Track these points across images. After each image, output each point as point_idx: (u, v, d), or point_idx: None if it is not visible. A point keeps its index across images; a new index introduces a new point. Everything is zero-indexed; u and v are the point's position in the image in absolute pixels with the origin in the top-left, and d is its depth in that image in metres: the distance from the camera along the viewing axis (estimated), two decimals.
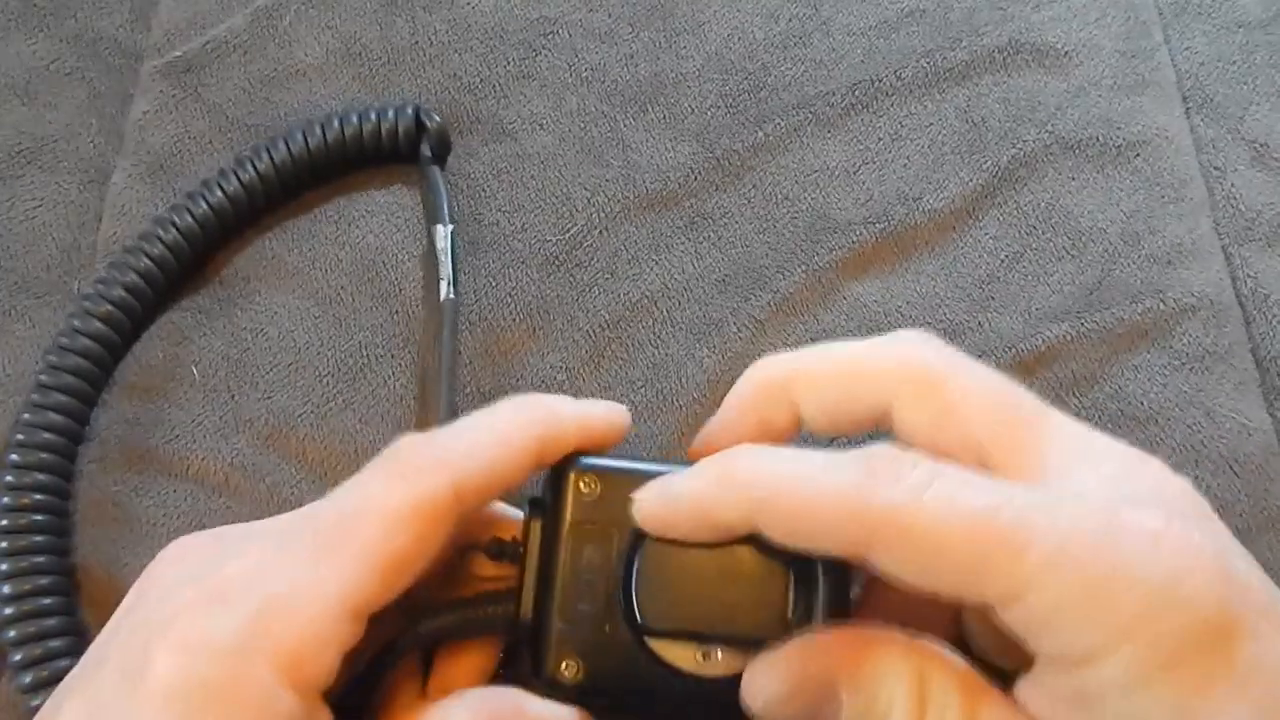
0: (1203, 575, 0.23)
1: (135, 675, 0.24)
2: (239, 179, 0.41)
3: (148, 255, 0.39)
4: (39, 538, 0.36)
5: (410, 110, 0.42)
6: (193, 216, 0.40)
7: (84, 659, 0.27)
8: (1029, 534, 0.23)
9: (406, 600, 0.27)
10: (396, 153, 0.42)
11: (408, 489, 0.27)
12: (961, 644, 0.28)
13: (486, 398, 0.39)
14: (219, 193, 0.40)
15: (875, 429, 0.29)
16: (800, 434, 0.30)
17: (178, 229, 0.40)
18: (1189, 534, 0.23)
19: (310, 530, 0.27)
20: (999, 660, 0.27)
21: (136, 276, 0.39)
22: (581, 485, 0.29)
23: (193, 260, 0.41)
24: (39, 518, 0.36)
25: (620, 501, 0.28)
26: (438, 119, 0.42)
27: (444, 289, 0.40)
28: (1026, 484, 0.26)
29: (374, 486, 0.27)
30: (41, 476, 0.36)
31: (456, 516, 0.27)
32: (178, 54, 0.45)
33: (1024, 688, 0.25)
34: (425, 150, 0.42)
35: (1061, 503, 0.24)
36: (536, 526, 0.29)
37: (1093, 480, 0.25)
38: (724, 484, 0.27)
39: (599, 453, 0.30)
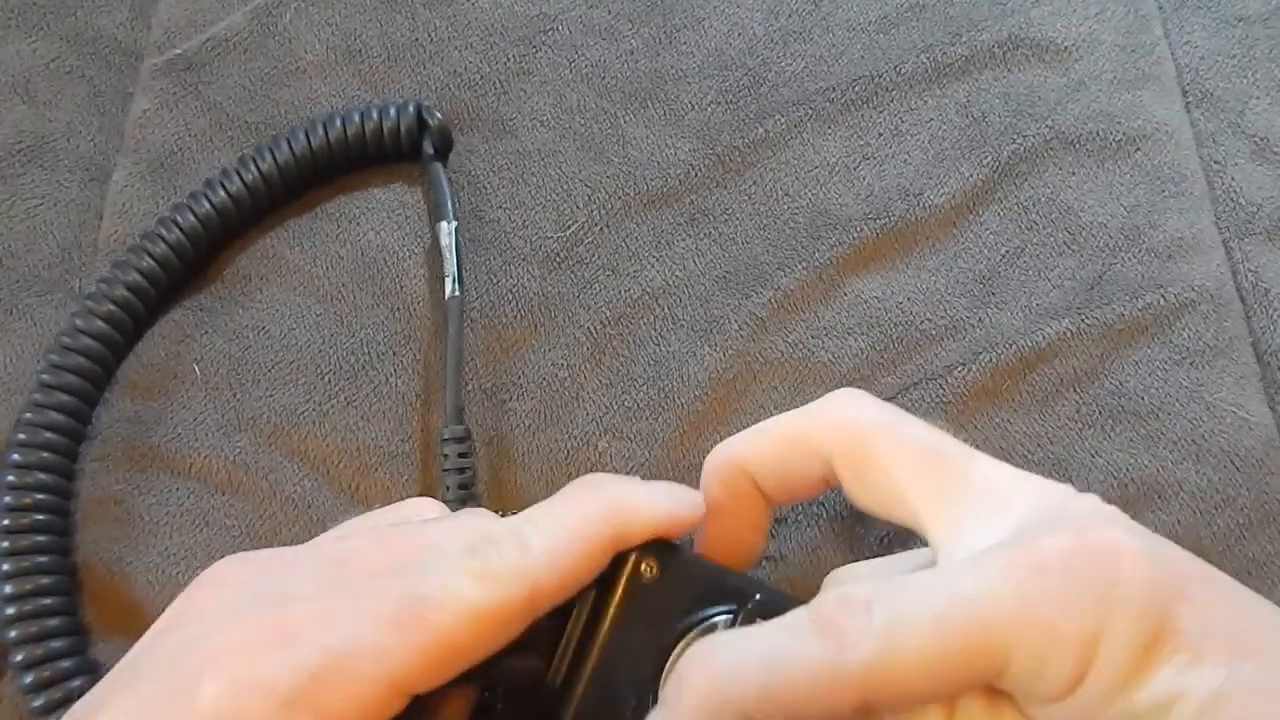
0: (1130, 568, 0.24)
1: (184, 697, 0.24)
2: (241, 178, 0.41)
3: (150, 254, 0.39)
4: (41, 537, 0.36)
5: (412, 108, 0.42)
6: (196, 216, 0.40)
7: (115, 673, 0.26)
8: (986, 614, 0.24)
9: None
10: (399, 151, 0.42)
11: (489, 593, 0.26)
12: None
13: (488, 394, 0.39)
14: (222, 192, 0.40)
15: (829, 489, 0.30)
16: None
17: (180, 228, 0.40)
18: (1103, 537, 0.24)
19: (384, 597, 0.26)
20: None
21: (139, 276, 0.39)
22: (642, 567, 0.28)
23: (196, 260, 0.41)
24: (41, 517, 0.36)
25: (675, 592, 0.28)
26: (439, 116, 0.42)
27: (449, 286, 0.40)
28: (956, 565, 0.26)
29: (457, 578, 0.27)
30: (43, 476, 0.36)
31: (526, 620, 0.27)
32: (178, 52, 0.45)
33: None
34: (427, 148, 0.42)
35: (989, 567, 0.25)
36: (590, 594, 0.29)
37: (1010, 522, 0.26)
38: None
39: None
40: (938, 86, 0.44)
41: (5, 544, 0.35)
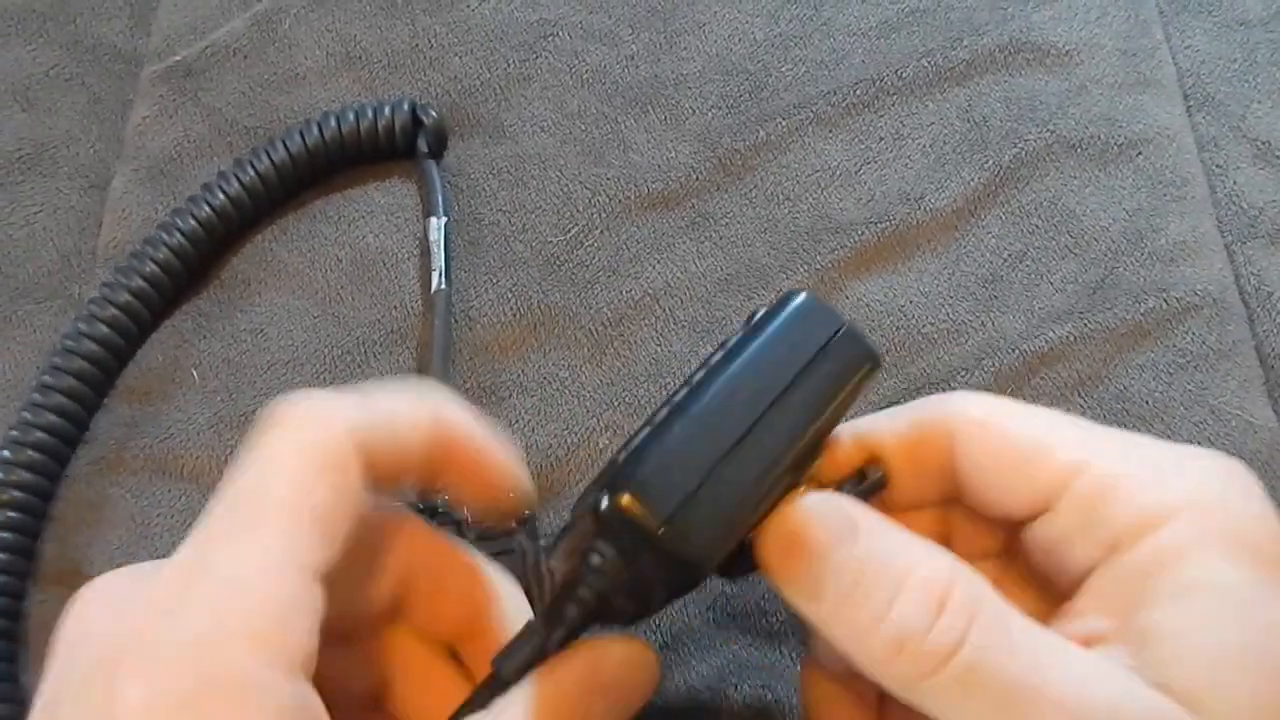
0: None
1: (101, 715, 0.22)
2: (239, 181, 0.41)
3: (153, 260, 0.39)
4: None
5: (406, 106, 0.42)
6: (196, 220, 0.40)
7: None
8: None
9: None
10: (394, 149, 0.43)
11: (298, 438, 0.24)
12: None
13: (489, 394, 0.39)
14: (220, 195, 0.40)
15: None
16: None
17: (182, 233, 0.40)
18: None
19: (225, 515, 0.24)
20: None
21: (142, 281, 0.39)
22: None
23: (198, 264, 0.41)
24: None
25: None
26: (434, 114, 0.43)
27: (435, 280, 0.40)
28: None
29: (265, 451, 0.24)
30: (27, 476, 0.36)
31: (368, 471, 0.25)
32: (177, 59, 0.45)
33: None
34: (422, 145, 0.42)
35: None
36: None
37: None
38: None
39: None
40: (939, 91, 0.44)
41: None
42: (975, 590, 0.24)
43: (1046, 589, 0.28)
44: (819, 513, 0.25)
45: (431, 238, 0.40)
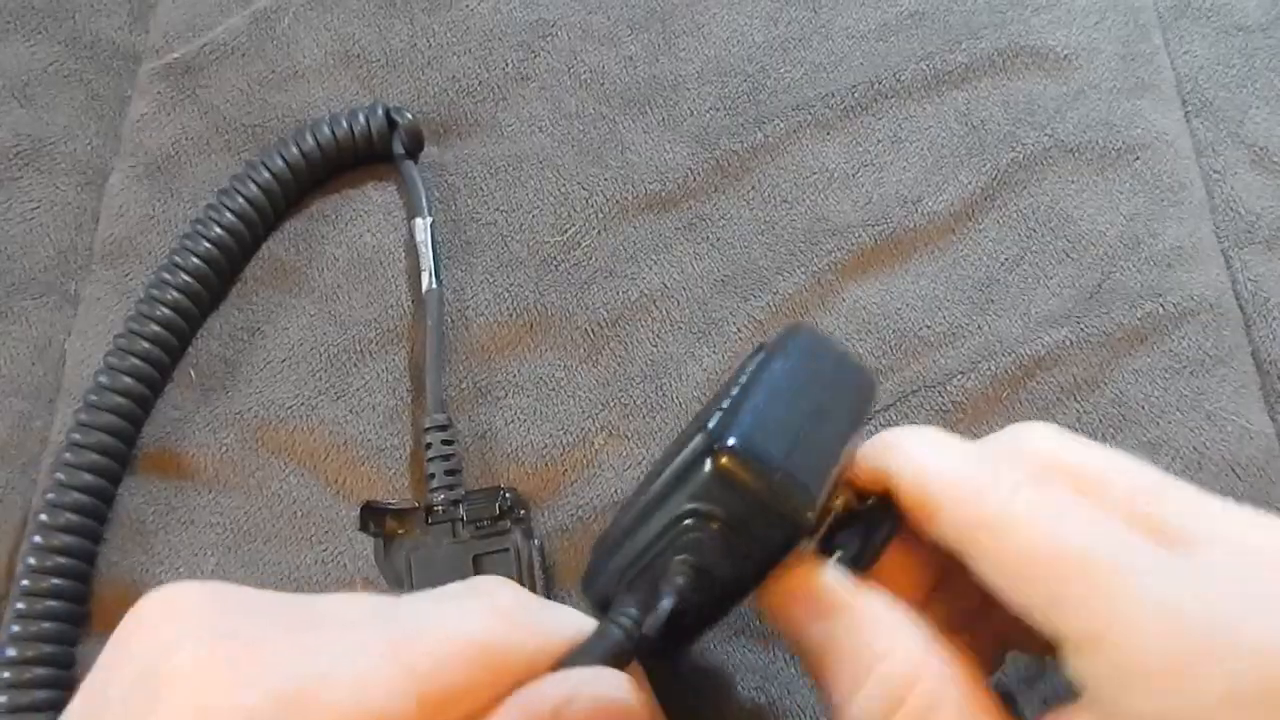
0: None
1: None
2: (231, 210, 0.40)
3: (161, 302, 0.39)
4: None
5: (380, 110, 0.42)
6: (197, 256, 0.40)
7: (73, 711, 0.24)
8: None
9: None
10: (372, 153, 0.43)
11: (484, 625, 0.25)
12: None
13: (484, 394, 0.39)
14: (202, 243, 0.40)
15: None
16: None
17: (173, 287, 0.39)
18: None
19: (361, 632, 0.24)
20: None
21: (157, 326, 0.39)
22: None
23: (209, 300, 0.41)
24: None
25: None
26: (409, 116, 0.42)
27: (426, 280, 0.40)
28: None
29: (444, 610, 0.25)
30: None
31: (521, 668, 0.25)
32: (176, 56, 0.45)
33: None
34: (398, 147, 0.42)
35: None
36: None
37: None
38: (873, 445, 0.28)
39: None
40: (937, 94, 0.44)
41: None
42: (936, 691, 0.24)
43: None
44: (809, 582, 0.26)
45: (418, 238, 0.40)
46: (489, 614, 0.25)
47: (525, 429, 0.38)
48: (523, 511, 0.36)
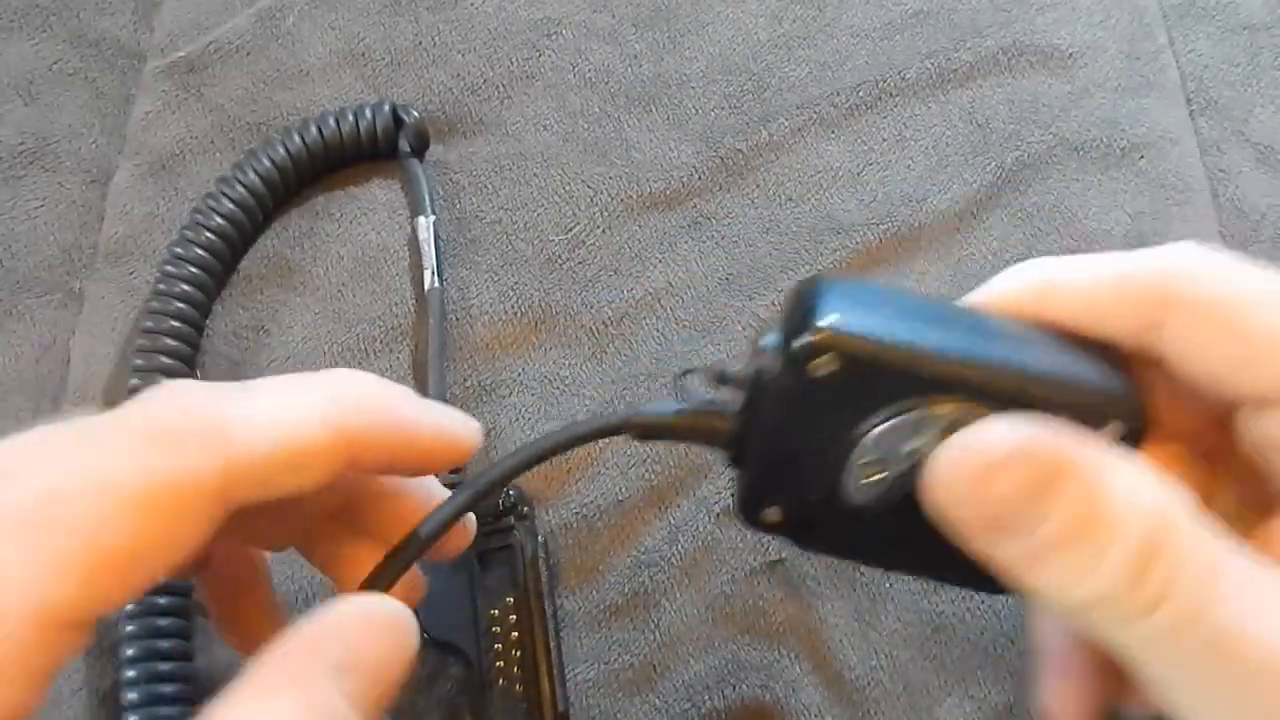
0: None
1: None
2: (219, 214, 0.40)
3: (168, 293, 0.39)
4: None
5: (387, 107, 0.42)
6: (197, 244, 0.40)
7: None
8: None
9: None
10: (377, 150, 0.43)
11: (157, 461, 0.20)
12: None
13: (489, 392, 0.39)
14: (205, 233, 0.40)
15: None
16: None
17: (176, 276, 0.39)
18: None
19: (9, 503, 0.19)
20: None
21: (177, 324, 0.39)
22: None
23: (214, 285, 0.41)
24: None
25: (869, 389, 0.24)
26: (415, 114, 0.42)
27: (429, 279, 0.40)
28: None
29: (108, 452, 0.20)
30: None
31: (217, 512, 0.21)
32: (181, 54, 0.45)
33: None
34: (404, 145, 0.42)
35: None
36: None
37: None
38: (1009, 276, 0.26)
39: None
40: (942, 93, 0.44)
41: None
42: (1186, 538, 0.21)
43: (1255, 490, 0.25)
44: (1021, 447, 0.22)
45: (421, 236, 0.41)
46: (155, 446, 0.20)
47: (530, 428, 0.38)
48: (526, 509, 0.36)
